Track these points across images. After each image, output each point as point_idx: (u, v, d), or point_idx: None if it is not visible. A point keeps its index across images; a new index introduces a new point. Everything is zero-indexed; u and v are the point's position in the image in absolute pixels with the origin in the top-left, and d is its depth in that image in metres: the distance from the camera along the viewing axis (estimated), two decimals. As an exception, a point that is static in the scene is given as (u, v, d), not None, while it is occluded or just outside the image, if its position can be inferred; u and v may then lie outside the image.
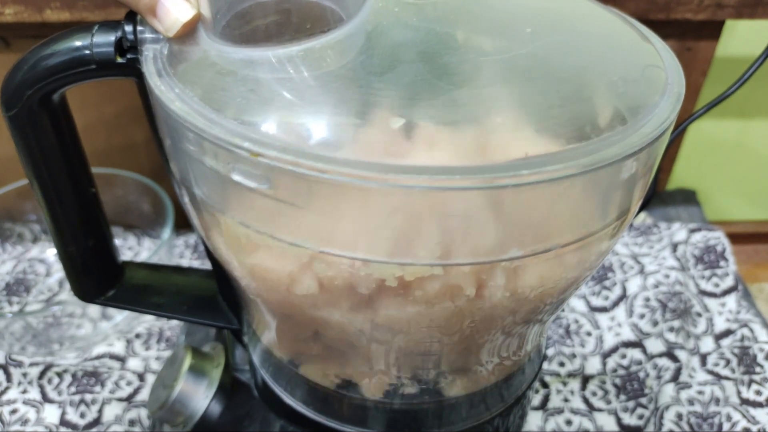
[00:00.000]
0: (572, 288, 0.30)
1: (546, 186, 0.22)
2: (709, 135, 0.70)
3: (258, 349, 0.37)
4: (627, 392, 0.51)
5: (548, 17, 0.29)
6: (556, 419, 0.49)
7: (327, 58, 0.25)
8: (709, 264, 0.59)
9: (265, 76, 0.24)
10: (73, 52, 0.28)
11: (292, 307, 0.29)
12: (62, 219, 0.34)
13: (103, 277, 0.38)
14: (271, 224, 0.24)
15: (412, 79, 0.23)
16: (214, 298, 0.39)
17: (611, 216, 0.26)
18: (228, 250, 0.28)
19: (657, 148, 0.25)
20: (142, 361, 0.53)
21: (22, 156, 0.31)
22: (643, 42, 0.29)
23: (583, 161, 0.22)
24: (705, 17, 0.55)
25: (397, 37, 0.26)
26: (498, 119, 0.23)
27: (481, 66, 0.25)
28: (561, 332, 0.55)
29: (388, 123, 0.23)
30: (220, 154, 0.23)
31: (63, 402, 0.49)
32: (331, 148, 0.22)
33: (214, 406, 0.39)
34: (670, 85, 0.26)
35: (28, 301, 0.59)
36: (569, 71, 0.26)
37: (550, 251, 0.25)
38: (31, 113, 0.29)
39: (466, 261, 0.24)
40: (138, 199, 0.61)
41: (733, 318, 0.55)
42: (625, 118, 0.24)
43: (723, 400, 0.49)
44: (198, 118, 0.23)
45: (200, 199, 0.27)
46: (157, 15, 0.25)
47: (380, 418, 0.34)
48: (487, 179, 0.21)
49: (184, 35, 0.26)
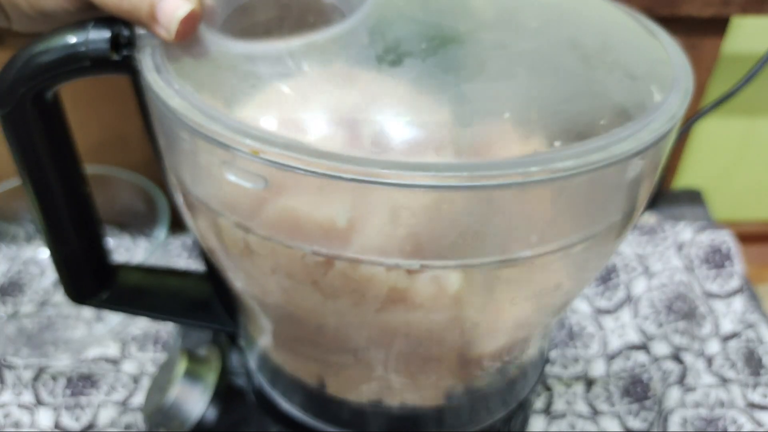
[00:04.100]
0: (577, 288, 0.30)
1: (553, 183, 0.22)
2: (714, 133, 0.70)
3: (254, 353, 0.37)
4: (631, 395, 0.51)
5: (554, 12, 0.29)
6: (560, 423, 0.49)
7: (329, 53, 0.25)
8: (715, 265, 0.58)
9: (266, 71, 0.24)
10: (67, 48, 0.27)
11: (290, 309, 0.29)
12: (54, 219, 0.34)
13: (95, 279, 0.37)
14: (267, 225, 0.24)
15: (418, 74, 0.23)
16: (210, 300, 0.39)
17: (618, 215, 0.26)
18: (223, 252, 0.28)
19: (664, 146, 0.25)
20: (138, 364, 0.53)
21: (14, 155, 0.31)
22: (650, 37, 0.29)
23: (591, 158, 0.22)
24: (711, 14, 0.55)
25: (402, 31, 0.25)
26: (505, 115, 0.23)
27: (487, 61, 0.25)
28: (564, 334, 0.55)
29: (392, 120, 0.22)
30: (217, 152, 0.23)
31: (57, 405, 0.49)
32: (334, 145, 0.22)
33: (210, 410, 0.39)
34: (678, 80, 0.26)
35: (22, 303, 0.59)
36: (575, 67, 0.26)
37: (555, 252, 0.24)
38: (24, 112, 0.29)
39: (470, 261, 0.23)
40: (133, 199, 0.61)
41: (739, 320, 0.55)
42: (632, 114, 0.24)
43: (728, 403, 0.49)
44: (197, 114, 0.23)
45: (195, 198, 0.26)
46: (158, 18, 0.25)
47: (379, 422, 0.34)
48: (493, 176, 0.21)
49: (187, 35, 0.25)
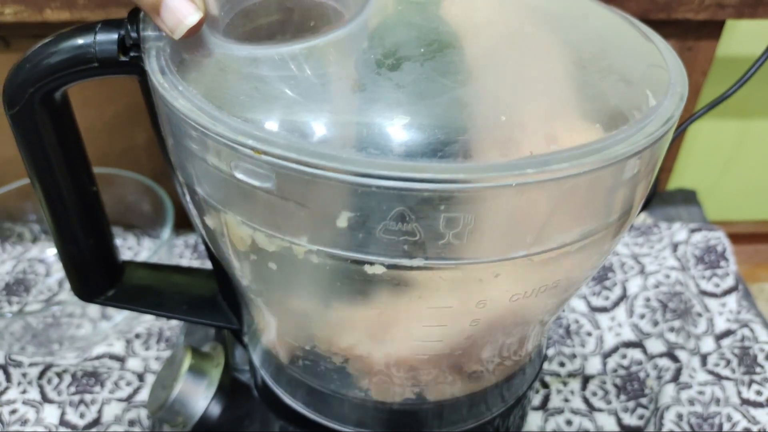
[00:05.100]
0: (573, 288, 0.30)
1: (550, 185, 0.22)
2: (709, 135, 0.70)
3: (258, 349, 0.37)
4: (627, 392, 0.51)
5: (550, 17, 0.29)
6: (557, 419, 0.49)
7: (330, 57, 0.25)
8: (710, 264, 0.59)
9: (268, 74, 0.24)
10: (75, 50, 0.28)
11: (294, 306, 0.29)
12: (63, 218, 0.34)
13: (103, 277, 0.37)
14: (273, 223, 0.24)
15: (416, 78, 0.23)
16: (214, 298, 0.39)
17: (614, 216, 0.26)
18: (229, 250, 0.28)
19: (660, 148, 0.25)
20: (142, 361, 0.53)
21: (23, 154, 0.31)
22: (645, 41, 0.29)
23: (587, 160, 0.22)
24: (706, 17, 0.55)
25: (401, 34, 0.25)
26: (501, 118, 0.23)
27: (484, 64, 0.25)
28: (561, 332, 0.55)
29: (390, 122, 0.22)
30: (223, 152, 0.23)
31: (62, 402, 0.49)
32: (335, 146, 0.22)
33: (214, 406, 0.39)
34: (673, 84, 0.26)
35: (28, 301, 0.59)
36: (571, 71, 0.26)
37: (552, 251, 0.24)
38: (33, 111, 0.29)
39: (468, 261, 0.24)
40: (138, 199, 0.61)
41: (733, 318, 0.55)
42: (628, 117, 0.24)
43: (723, 401, 0.49)
44: (201, 115, 0.23)
45: (202, 197, 0.27)
46: (161, 15, 0.25)
47: (380, 418, 0.34)
48: (490, 178, 0.21)
49: (189, 37, 0.25)
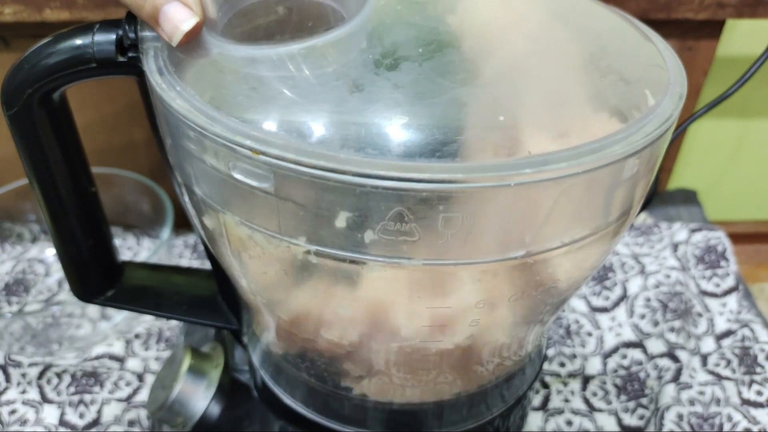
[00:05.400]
0: (573, 288, 0.30)
1: (548, 185, 0.22)
2: (709, 135, 0.69)
3: (257, 350, 0.37)
4: (628, 392, 0.51)
5: (549, 16, 0.29)
6: (557, 420, 0.49)
7: (328, 57, 0.25)
8: (710, 264, 0.59)
9: (266, 74, 0.24)
10: (74, 50, 0.28)
11: (293, 306, 0.29)
12: (62, 218, 0.34)
13: (102, 277, 0.38)
14: (272, 223, 0.24)
15: (415, 78, 0.23)
16: (214, 298, 0.39)
17: (613, 215, 0.26)
18: (228, 250, 0.28)
19: (659, 148, 0.25)
20: (142, 361, 0.53)
21: (22, 155, 0.31)
22: (644, 41, 0.29)
23: (586, 159, 0.22)
24: (706, 17, 0.55)
25: (400, 35, 0.25)
26: (500, 118, 0.23)
27: (483, 64, 0.25)
28: (561, 332, 0.55)
29: (389, 122, 0.22)
30: (221, 153, 0.23)
31: (62, 402, 0.49)
32: (333, 147, 0.22)
33: (214, 406, 0.39)
34: (672, 84, 0.26)
35: (28, 302, 0.59)
36: (571, 70, 0.26)
37: (551, 251, 0.24)
38: (31, 112, 0.29)
39: (468, 261, 0.24)
40: (137, 199, 0.61)
41: (734, 318, 0.55)
42: (627, 117, 0.24)
43: (724, 401, 0.49)
44: (199, 116, 0.23)
45: (201, 198, 0.27)
46: (160, 23, 0.25)
47: (380, 418, 0.34)
48: (488, 178, 0.21)
49: (188, 42, 0.25)
